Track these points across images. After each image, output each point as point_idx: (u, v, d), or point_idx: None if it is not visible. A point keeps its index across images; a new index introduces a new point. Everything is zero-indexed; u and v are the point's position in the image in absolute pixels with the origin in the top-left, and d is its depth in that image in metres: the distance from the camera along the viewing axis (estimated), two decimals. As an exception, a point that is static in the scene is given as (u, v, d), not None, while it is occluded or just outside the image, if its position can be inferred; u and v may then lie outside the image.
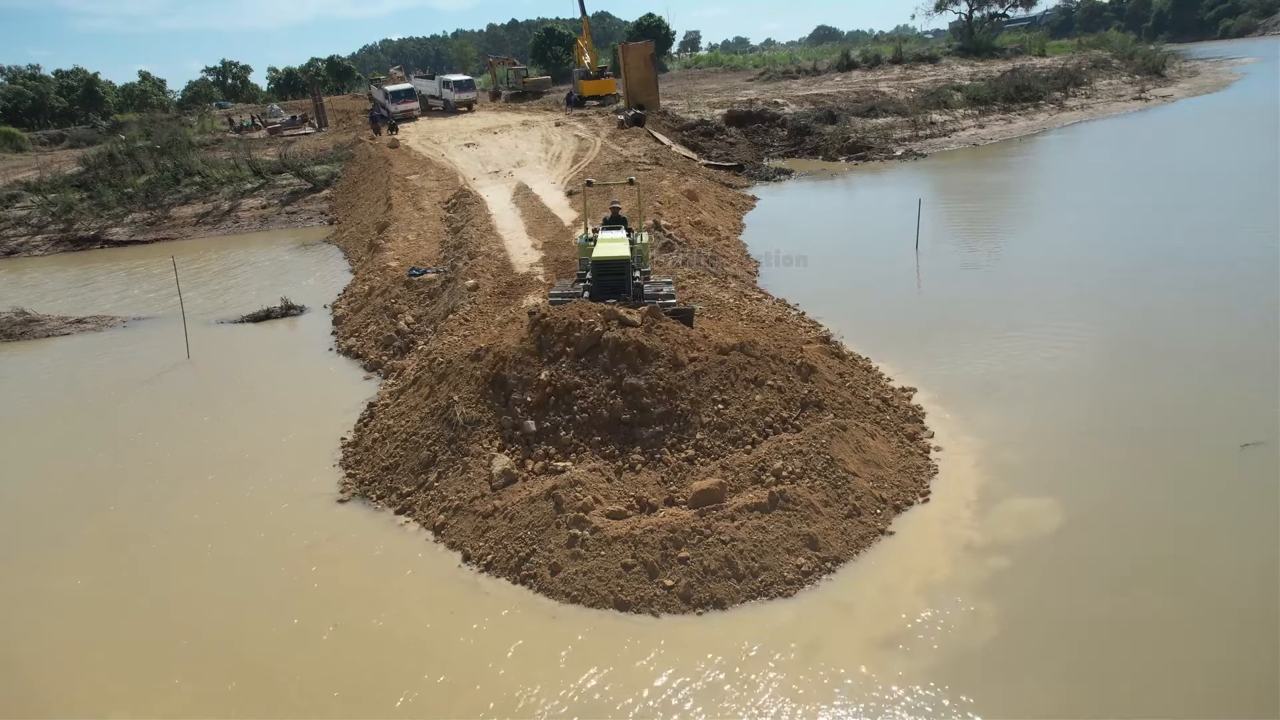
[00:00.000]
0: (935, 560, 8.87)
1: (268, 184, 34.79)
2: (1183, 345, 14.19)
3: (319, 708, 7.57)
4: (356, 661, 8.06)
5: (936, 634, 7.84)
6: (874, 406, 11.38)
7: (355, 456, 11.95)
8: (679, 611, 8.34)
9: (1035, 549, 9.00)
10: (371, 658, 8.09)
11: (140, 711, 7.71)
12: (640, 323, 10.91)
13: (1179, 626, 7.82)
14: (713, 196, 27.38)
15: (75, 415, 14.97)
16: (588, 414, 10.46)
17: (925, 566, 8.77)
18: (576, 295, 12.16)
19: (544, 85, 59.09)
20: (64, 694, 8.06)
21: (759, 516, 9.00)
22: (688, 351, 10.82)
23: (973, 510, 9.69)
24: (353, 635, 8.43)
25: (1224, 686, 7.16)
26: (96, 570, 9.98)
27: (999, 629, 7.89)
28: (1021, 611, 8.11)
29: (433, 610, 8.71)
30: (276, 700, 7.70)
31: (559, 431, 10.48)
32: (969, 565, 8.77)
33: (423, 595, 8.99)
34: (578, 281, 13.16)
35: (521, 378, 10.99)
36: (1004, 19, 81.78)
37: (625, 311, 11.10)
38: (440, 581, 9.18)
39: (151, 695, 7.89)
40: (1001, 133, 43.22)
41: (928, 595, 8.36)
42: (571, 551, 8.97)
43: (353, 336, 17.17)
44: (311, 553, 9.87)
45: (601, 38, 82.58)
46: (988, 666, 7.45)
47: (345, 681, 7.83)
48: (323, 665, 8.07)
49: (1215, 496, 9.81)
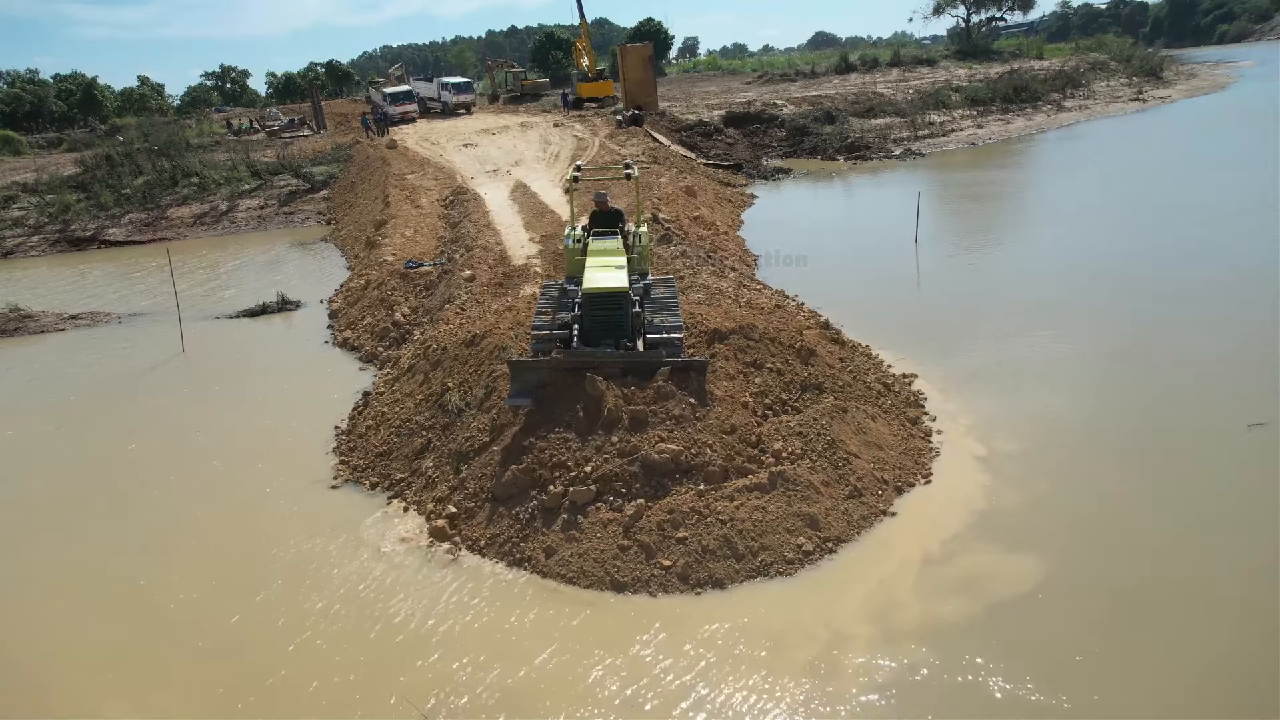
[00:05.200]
0: (937, 541, 8.70)
1: (265, 185, 34.73)
2: (1185, 333, 14.06)
3: (313, 694, 7.39)
4: (351, 647, 7.89)
5: (939, 614, 7.67)
6: (875, 391, 11.24)
7: (349, 444, 11.80)
8: (677, 592, 8.18)
9: (1039, 530, 8.84)
10: (365, 644, 7.92)
11: (135, 704, 7.52)
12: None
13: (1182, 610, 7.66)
14: (711, 193, 27.34)
15: (68, 409, 14.81)
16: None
17: (927, 546, 8.60)
18: (562, 337, 10.17)
19: (542, 88, 59.18)
20: (56, 687, 7.86)
21: (759, 496, 8.84)
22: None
23: (975, 491, 9.52)
24: (345, 620, 8.25)
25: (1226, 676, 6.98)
26: (88, 563, 9.80)
27: (1001, 610, 7.73)
28: (1024, 593, 7.93)
29: (426, 595, 8.54)
30: (272, 687, 7.52)
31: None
32: (971, 546, 8.60)
33: (414, 579, 8.82)
34: (564, 299, 11.02)
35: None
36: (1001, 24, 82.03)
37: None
38: (432, 566, 9.01)
39: (145, 688, 7.69)
40: (1000, 133, 43.22)
41: (930, 575, 8.20)
42: (567, 535, 8.81)
43: (349, 329, 17.04)
44: (301, 536, 9.70)
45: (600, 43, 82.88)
46: (989, 648, 7.28)
47: (338, 668, 7.65)
48: (316, 652, 7.89)
49: (1221, 477, 9.66)
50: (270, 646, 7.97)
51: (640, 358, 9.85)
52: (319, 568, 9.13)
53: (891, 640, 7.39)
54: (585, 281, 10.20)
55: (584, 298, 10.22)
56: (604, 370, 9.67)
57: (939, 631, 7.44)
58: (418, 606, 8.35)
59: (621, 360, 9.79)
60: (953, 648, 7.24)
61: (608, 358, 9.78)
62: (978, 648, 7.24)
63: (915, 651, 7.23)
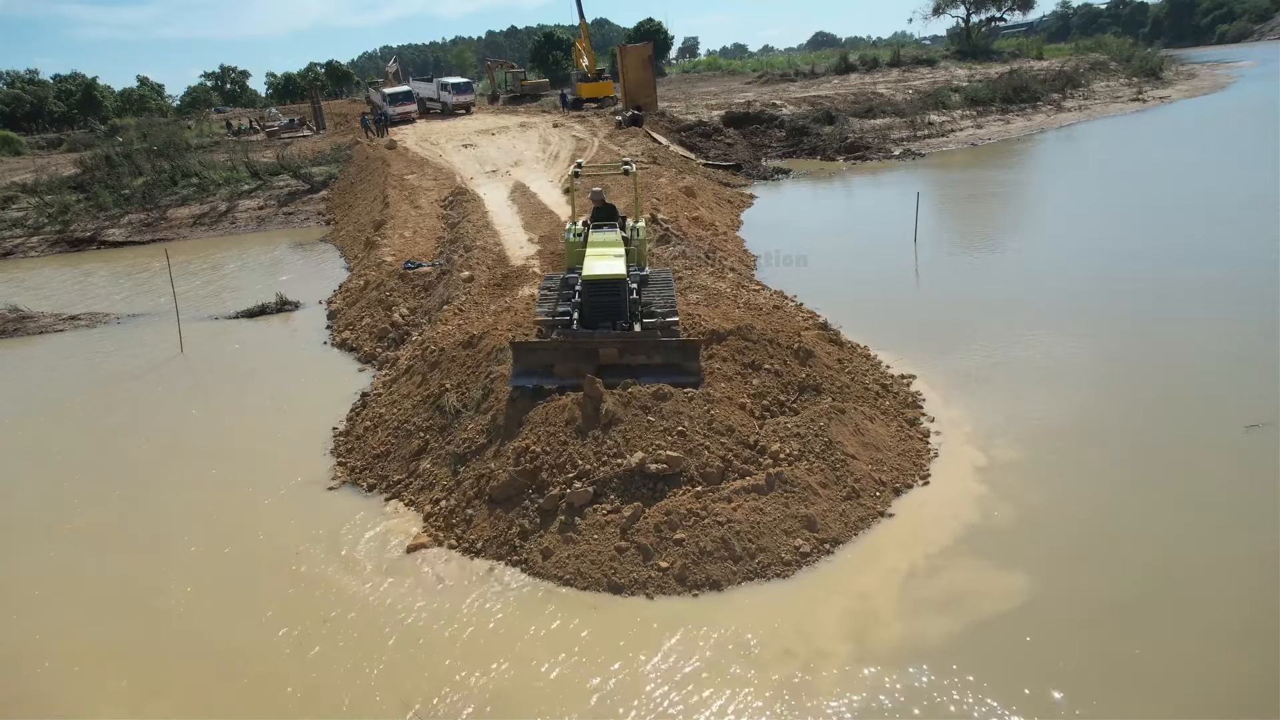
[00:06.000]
0: (935, 542, 8.69)
1: (265, 185, 34.70)
2: (1185, 334, 14.06)
3: (311, 698, 7.39)
4: (346, 651, 7.88)
5: (936, 616, 7.66)
6: (873, 392, 11.23)
7: (346, 445, 11.79)
8: (674, 593, 8.17)
9: (1037, 532, 8.84)
10: (361, 647, 7.91)
11: (132, 708, 7.50)
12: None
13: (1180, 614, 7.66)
14: (710, 194, 27.33)
15: (67, 410, 14.80)
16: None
17: (925, 549, 8.60)
18: (564, 319, 10.74)
19: (542, 88, 59.15)
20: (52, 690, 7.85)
21: (756, 498, 8.84)
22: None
23: (973, 492, 9.52)
24: (340, 624, 8.24)
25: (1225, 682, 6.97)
26: (86, 565, 9.80)
27: (1000, 613, 7.72)
28: (1023, 595, 7.93)
29: (421, 597, 8.53)
30: (269, 692, 7.52)
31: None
32: (969, 548, 8.60)
33: (411, 582, 8.80)
34: (564, 289, 11.54)
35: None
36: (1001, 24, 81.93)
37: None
38: (429, 566, 9.00)
39: (142, 692, 7.67)
40: (999, 133, 43.21)
41: (927, 578, 8.19)
42: (564, 536, 8.80)
43: (347, 330, 17.03)
44: (298, 538, 9.69)
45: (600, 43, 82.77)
46: (989, 651, 7.28)
47: (334, 671, 7.65)
48: (314, 655, 7.88)
49: (1220, 479, 9.65)
50: (268, 650, 7.96)
51: (637, 337, 10.27)
52: (316, 571, 9.11)
53: (888, 643, 7.39)
54: (585, 269, 10.74)
55: (584, 283, 10.73)
56: (603, 351, 10.05)
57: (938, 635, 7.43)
58: (413, 609, 8.34)
59: (619, 340, 10.14)
60: (953, 652, 7.23)
61: (606, 338, 10.18)
62: (978, 652, 7.23)
63: (914, 654, 7.23)
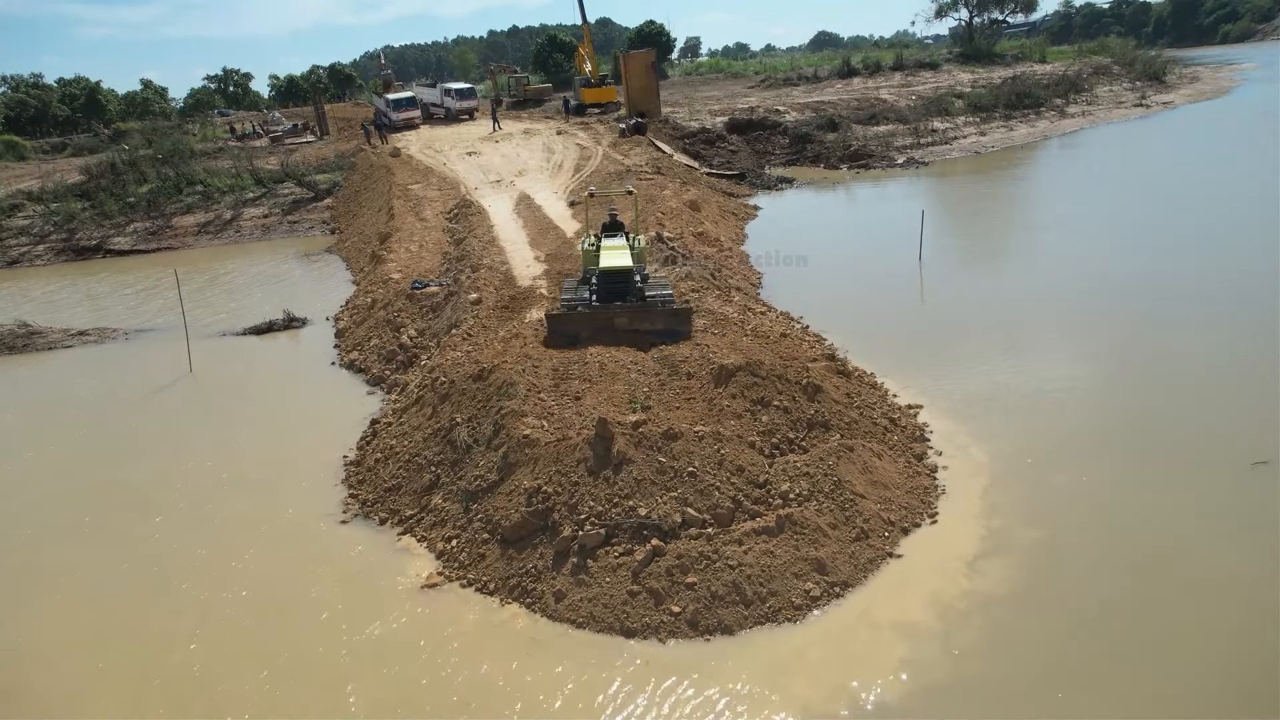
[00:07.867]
0: (943, 584, 8.79)
1: (269, 193, 34.78)
2: (1190, 361, 14.11)
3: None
4: (358, 688, 7.98)
5: (945, 659, 7.76)
6: (881, 426, 11.31)
7: (358, 476, 11.88)
8: (686, 638, 8.26)
9: (1043, 568, 8.93)
10: (372, 685, 8.01)
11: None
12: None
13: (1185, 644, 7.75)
14: (715, 206, 27.34)
15: (75, 431, 14.90)
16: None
17: (933, 590, 8.69)
18: (584, 300, 13.45)
19: (545, 93, 59.04)
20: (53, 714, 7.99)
21: (767, 540, 8.92)
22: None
23: (980, 531, 9.61)
24: (351, 662, 8.34)
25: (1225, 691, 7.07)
26: (91, 587, 9.91)
27: (1008, 653, 7.82)
28: (1030, 634, 8.04)
29: (434, 635, 8.63)
30: None
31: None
32: (977, 588, 8.68)
33: (424, 619, 8.91)
34: (582, 284, 14.41)
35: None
36: (1004, 25, 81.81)
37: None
38: (442, 606, 9.09)
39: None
40: (1003, 140, 43.18)
41: (935, 619, 8.28)
42: (576, 579, 8.89)
43: (355, 350, 17.10)
44: (312, 574, 9.79)
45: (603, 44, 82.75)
46: (998, 690, 7.37)
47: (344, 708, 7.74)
48: (322, 691, 7.98)
49: (1225, 515, 9.72)
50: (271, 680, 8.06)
51: (642, 307, 12.96)
52: (329, 611, 9.21)
53: (899, 687, 7.48)
54: (602, 261, 13.53)
55: (600, 272, 13.51)
56: (617, 320, 12.76)
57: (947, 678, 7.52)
58: (427, 649, 8.44)
59: (629, 309, 12.84)
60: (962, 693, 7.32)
61: (620, 309, 12.91)
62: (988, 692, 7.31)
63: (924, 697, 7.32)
